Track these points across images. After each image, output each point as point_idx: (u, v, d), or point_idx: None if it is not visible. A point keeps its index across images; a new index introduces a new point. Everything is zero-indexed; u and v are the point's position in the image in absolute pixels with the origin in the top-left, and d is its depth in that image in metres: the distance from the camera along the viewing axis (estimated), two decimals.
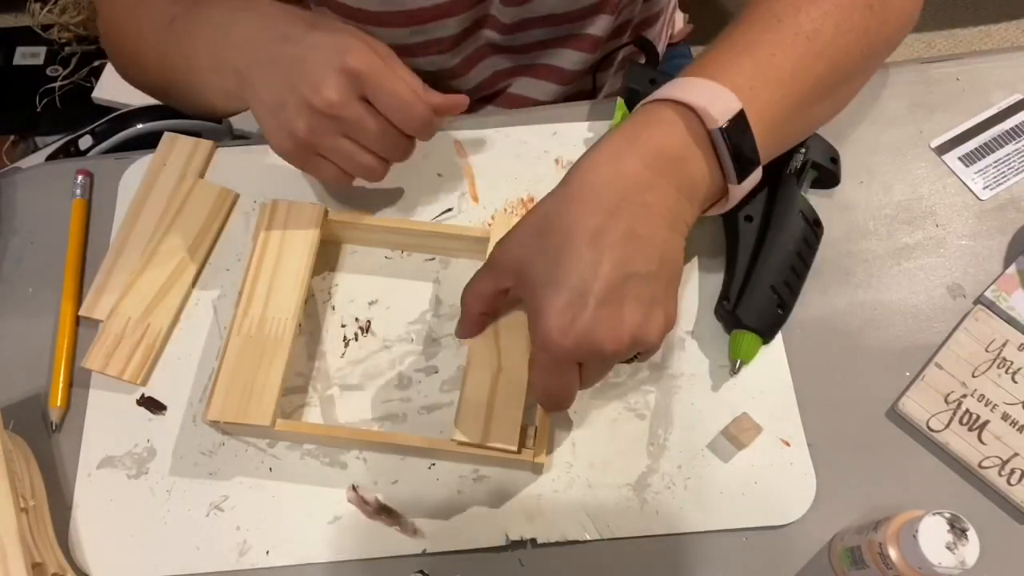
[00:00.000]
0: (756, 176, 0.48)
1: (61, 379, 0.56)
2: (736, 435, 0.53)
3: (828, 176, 0.61)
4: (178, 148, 0.64)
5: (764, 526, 0.52)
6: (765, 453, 0.54)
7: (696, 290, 0.59)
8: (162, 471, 0.54)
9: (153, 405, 0.56)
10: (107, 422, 0.56)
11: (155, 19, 0.59)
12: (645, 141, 0.45)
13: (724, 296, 0.56)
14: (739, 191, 0.48)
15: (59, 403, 0.56)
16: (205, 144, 0.64)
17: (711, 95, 0.45)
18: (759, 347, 0.55)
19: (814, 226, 0.57)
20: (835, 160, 0.60)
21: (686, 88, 0.46)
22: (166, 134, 0.64)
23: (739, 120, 0.45)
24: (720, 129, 0.44)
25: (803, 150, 0.59)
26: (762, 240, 0.56)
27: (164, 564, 0.52)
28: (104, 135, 1.04)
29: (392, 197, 0.62)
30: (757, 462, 0.54)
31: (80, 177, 0.64)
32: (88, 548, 0.52)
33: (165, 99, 0.67)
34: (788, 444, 0.54)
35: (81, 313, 0.58)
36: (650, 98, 0.47)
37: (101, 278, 0.59)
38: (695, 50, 0.96)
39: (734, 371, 0.55)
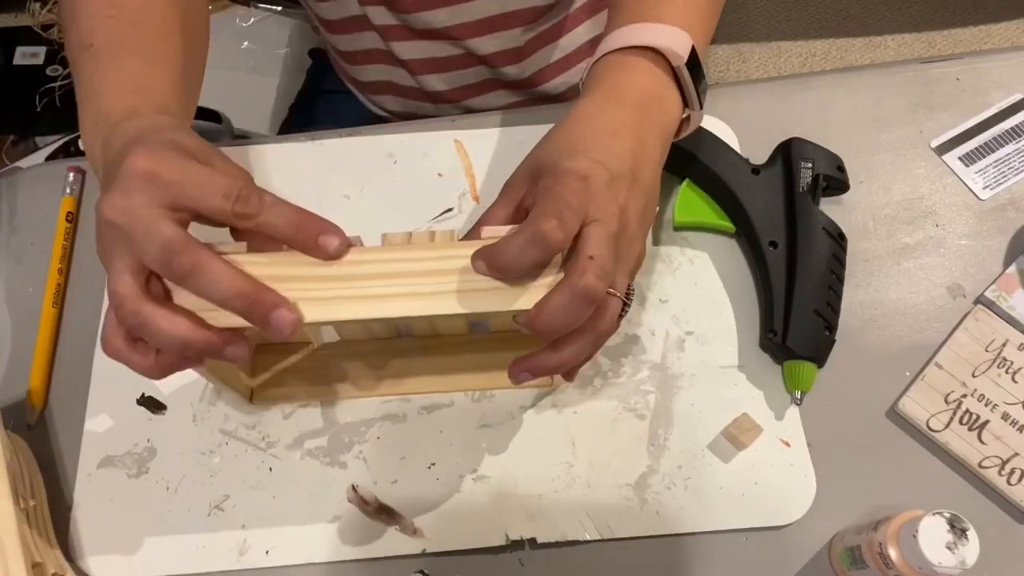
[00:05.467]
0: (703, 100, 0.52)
1: (40, 376, 0.57)
2: (736, 435, 0.53)
3: (837, 184, 0.61)
4: None
5: (764, 527, 0.52)
6: (765, 454, 0.54)
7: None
8: (162, 471, 0.54)
9: (153, 405, 0.56)
10: (107, 422, 0.56)
11: (80, 29, 0.50)
12: (630, 90, 0.48)
13: (769, 329, 0.55)
14: (699, 117, 0.52)
15: (36, 402, 0.56)
16: None
17: (668, 36, 0.48)
18: (816, 374, 0.55)
19: (839, 239, 0.57)
20: (841, 168, 0.60)
21: (644, 33, 0.49)
22: None
23: (693, 54, 0.49)
24: (685, 64, 0.48)
25: (809, 165, 0.59)
26: (792, 265, 0.56)
27: (164, 564, 0.52)
28: None
29: (393, 197, 0.62)
30: (757, 462, 0.54)
31: (71, 175, 0.63)
32: (88, 548, 0.52)
33: None
34: (788, 445, 0.54)
35: None
36: (611, 47, 0.50)
37: None
38: None
39: (798, 402, 0.55)
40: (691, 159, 0.60)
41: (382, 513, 0.53)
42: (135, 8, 0.50)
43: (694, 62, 0.49)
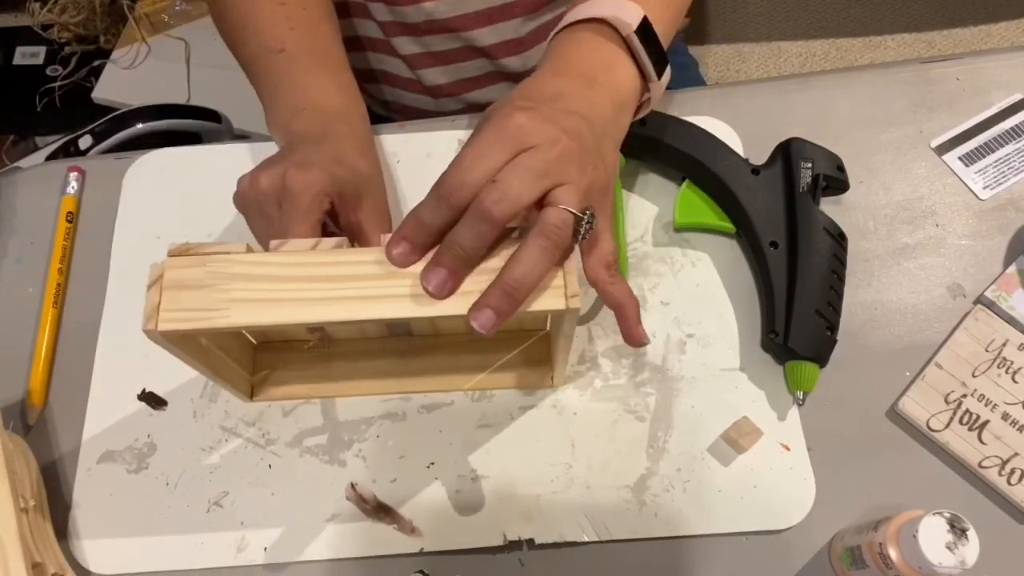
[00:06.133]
0: (667, 75, 0.51)
1: (40, 376, 0.57)
2: (736, 439, 0.53)
3: (837, 184, 0.60)
4: None
5: (762, 531, 0.52)
6: (765, 457, 0.54)
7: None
8: (162, 467, 0.54)
9: (154, 400, 0.56)
10: (107, 417, 0.56)
11: (265, 36, 0.59)
12: (576, 61, 0.48)
13: (771, 329, 0.55)
14: (659, 89, 0.52)
15: (36, 402, 0.56)
16: None
17: (616, 6, 0.49)
18: (818, 374, 0.55)
19: (840, 239, 0.57)
20: (841, 168, 0.60)
21: (592, 8, 0.50)
22: None
23: (645, 24, 0.49)
24: (634, 32, 0.49)
25: (809, 165, 0.59)
26: (794, 265, 0.56)
27: (163, 559, 0.52)
28: (104, 135, 1.05)
29: (397, 198, 0.62)
30: (757, 466, 0.54)
31: (71, 175, 0.63)
32: (87, 541, 0.52)
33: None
34: (788, 448, 0.54)
35: None
36: (560, 26, 0.51)
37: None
38: (693, 49, 0.95)
39: (800, 403, 0.54)
40: (691, 160, 0.60)
41: (380, 511, 0.53)
42: (307, 21, 0.60)
43: (649, 34, 0.49)
